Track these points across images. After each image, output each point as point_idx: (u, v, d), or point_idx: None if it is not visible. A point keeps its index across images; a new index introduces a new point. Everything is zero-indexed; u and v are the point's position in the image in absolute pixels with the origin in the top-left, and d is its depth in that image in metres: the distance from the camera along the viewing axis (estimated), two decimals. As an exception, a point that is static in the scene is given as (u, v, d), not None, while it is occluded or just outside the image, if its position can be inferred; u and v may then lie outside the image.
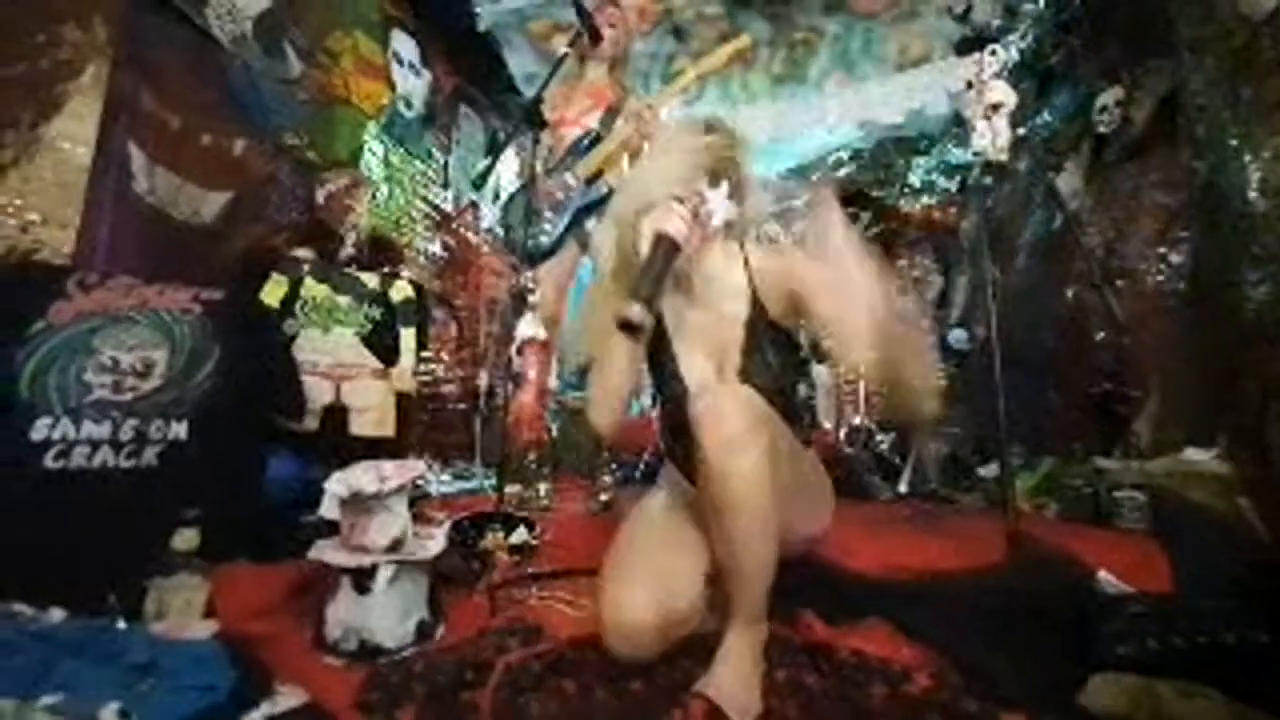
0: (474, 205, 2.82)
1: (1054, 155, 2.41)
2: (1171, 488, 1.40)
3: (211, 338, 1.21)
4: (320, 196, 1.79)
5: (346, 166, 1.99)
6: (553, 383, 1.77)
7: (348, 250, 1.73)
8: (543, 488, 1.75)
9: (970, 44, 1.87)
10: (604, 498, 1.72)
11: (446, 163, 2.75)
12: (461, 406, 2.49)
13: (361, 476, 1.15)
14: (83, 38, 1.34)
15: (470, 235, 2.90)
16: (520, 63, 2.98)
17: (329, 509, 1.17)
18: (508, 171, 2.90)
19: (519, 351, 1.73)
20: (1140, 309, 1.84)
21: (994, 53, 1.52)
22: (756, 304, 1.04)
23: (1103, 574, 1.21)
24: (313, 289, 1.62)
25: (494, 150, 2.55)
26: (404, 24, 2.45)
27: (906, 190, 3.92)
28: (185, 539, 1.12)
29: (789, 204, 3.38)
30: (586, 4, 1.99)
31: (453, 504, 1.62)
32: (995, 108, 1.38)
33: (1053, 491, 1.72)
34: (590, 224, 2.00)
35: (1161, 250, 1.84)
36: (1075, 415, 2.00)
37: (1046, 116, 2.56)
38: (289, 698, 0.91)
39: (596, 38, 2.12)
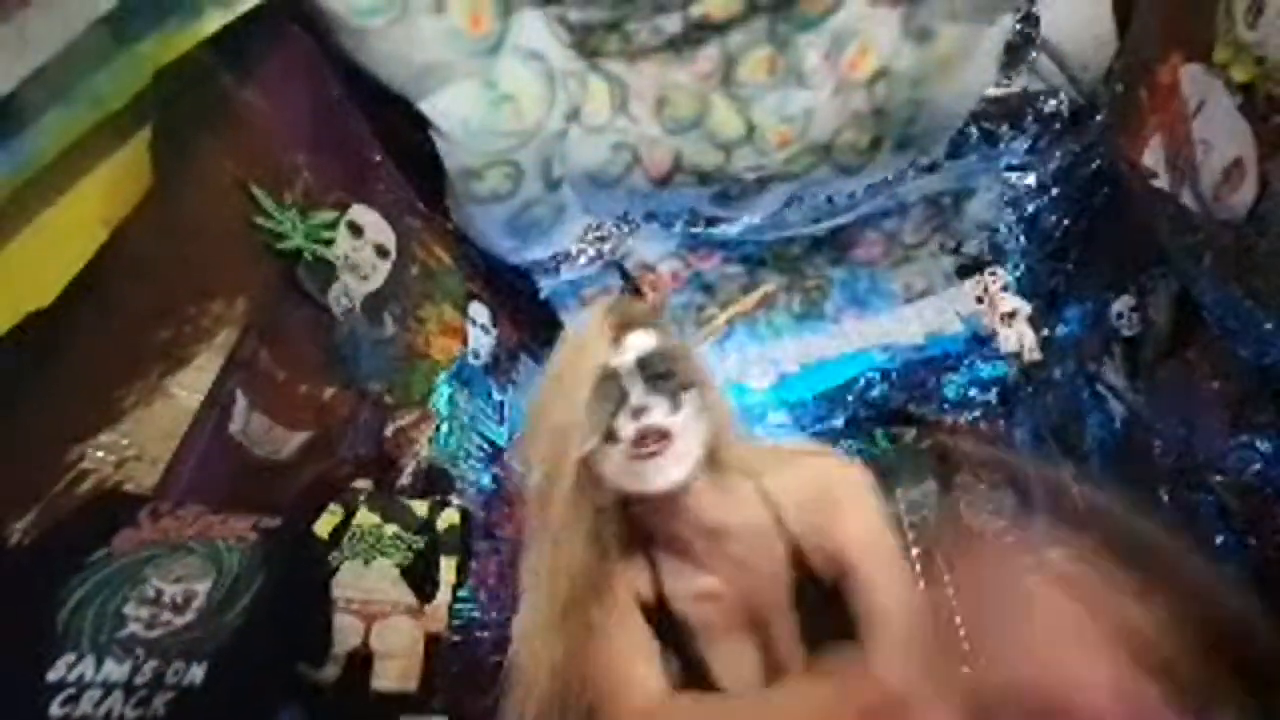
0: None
1: (1089, 361, 2.45)
2: None
3: (259, 566, 1.19)
4: (389, 430, 1.93)
5: (418, 405, 2.18)
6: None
7: (404, 479, 1.78)
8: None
9: (969, 269, 2.08)
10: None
11: (502, 402, 2.99)
12: (495, 659, 2.22)
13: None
14: (225, 310, 1.65)
15: (519, 468, 2.99)
16: (572, 319, 3.45)
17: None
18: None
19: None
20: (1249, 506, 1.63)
21: (994, 273, 1.67)
22: (798, 556, 0.78)
23: None
24: (364, 518, 1.63)
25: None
26: (481, 296, 2.94)
27: (946, 405, 3.94)
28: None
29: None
30: (630, 271, 2.38)
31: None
32: (1011, 315, 1.46)
33: None
34: None
35: (1245, 438, 1.70)
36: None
37: (1063, 328, 2.68)
38: None
39: (638, 294, 2.49)
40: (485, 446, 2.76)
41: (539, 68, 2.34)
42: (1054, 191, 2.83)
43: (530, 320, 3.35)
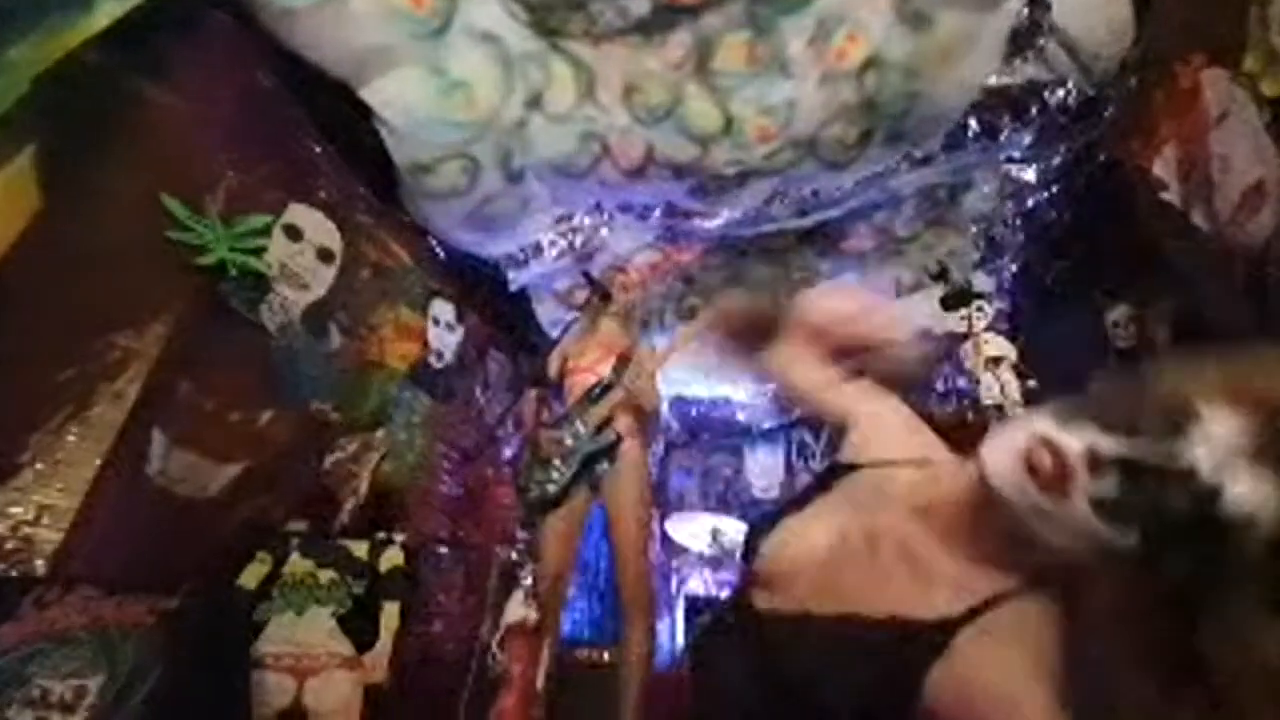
0: (493, 440, 2.86)
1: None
2: None
3: (158, 653, 1.11)
4: (328, 462, 1.83)
5: (365, 428, 2.07)
6: (540, 680, 1.52)
7: (342, 518, 1.69)
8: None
9: (954, 300, 1.93)
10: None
11: (470, 403, 2.88)
12: (448, 691, 2.18)
13: None
14: (135, 342, 1.51)
15: (489, 470, 2.90)
16: (547, 311, 3.29)
17: None
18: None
19: (501, 644, 1.54)
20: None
21: (980, 309, 1.53)
22: None
23: None
24: (295, 565, 1.54)
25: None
26: (444, 293, 2.78)
27: (933, 395, 3.83)
28: None
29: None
30: (596, 274, 2.23)
31: None
32: (996, 361, 1.34)
33: None
34: (601, 469, 1.99)
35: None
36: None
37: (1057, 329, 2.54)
38: None
39: (606, 299, 2.34)
40: (453, 454, 2.66)
41: (493, 51, 2.11)
42: (1055, 188, 2.64)
43: (501, 315, 3.19)
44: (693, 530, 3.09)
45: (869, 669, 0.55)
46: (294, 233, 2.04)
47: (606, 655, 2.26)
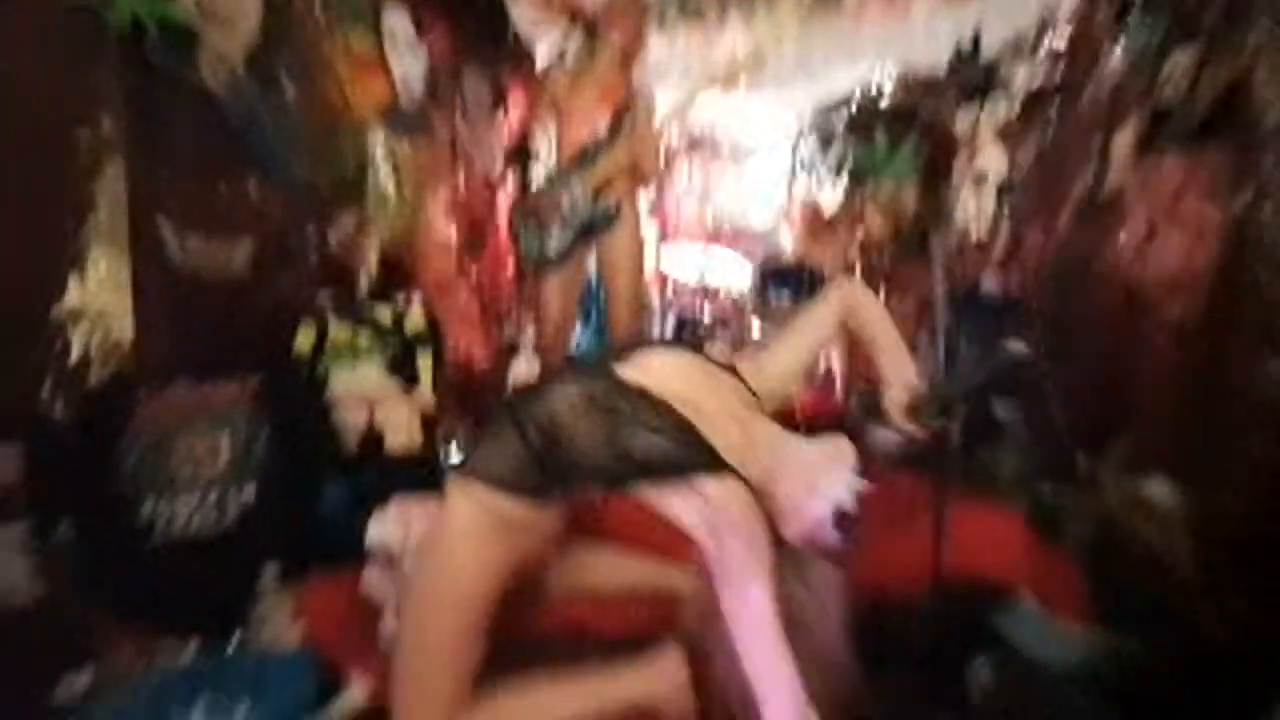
0: (488, 186, 2.84)
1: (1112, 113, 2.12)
2: (1120, 519, 1.48)
3: (260, 418, 1.47)
4: (333, 240, 1.92)
5: (353, 195, 2.08)
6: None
7: (362, 291, 1.90)
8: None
9: (974, 86, 1.64)
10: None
11: (456, 135, 2.73)
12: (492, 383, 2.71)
13: (391, 529, 1.43)
14: (94, 137, 1.46)
15: (497, 198, 2.90)
16: (522, 13, 2.79)
17: (374, 537, 1.47)
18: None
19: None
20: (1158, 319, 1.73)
21: (992, 113, 1.37)
22: None
23: (1024, 597, 1.37)
24: (337, 331, 1.82)
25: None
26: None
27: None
28: (270, 574, 1.47)
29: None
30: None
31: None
32: (982, 179, 1.29)
33: (1022, 491, 1.81)
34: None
35: (1188, 273, 1.67)
36: (1080, 408, 1.99)
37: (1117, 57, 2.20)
38: (358, 687, 1.25)
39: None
40: (448, 195, 2.66)
41: None
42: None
43: (469, 14, 2.72)
44: (684, 259, 3.29)
45: None
46: (196, -42, 1.67)
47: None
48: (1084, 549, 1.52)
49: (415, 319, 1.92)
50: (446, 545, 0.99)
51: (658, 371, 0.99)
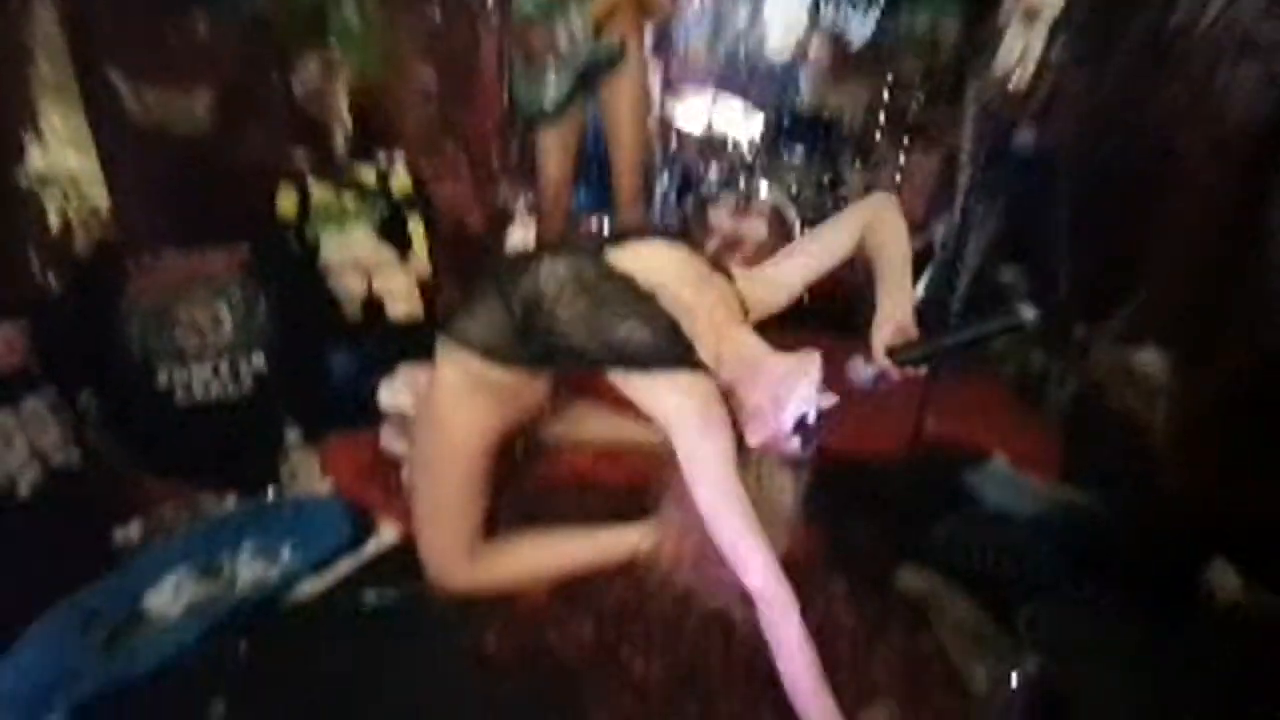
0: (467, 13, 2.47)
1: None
2: (1105, 385, 1.51)
3: (255, 286, 1.45)
4: (298, 89, 1.72)
5: (313, 31, 1.82)
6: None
7: (339, 147, 1.75)
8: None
9: None
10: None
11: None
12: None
13: (401, 394, 1.49)
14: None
15: (479, 29, 2.55)
16: None
17: (385, 402, 1.55)
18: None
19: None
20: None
21: None
22: None
23: (997, 458, 1.46)
24: (319, 193, 1.72)
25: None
26: None
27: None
28: (293, 435, 1.56)
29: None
30: None
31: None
32: (1034, 13, 1.09)
33: (1011, 357, 1.82)
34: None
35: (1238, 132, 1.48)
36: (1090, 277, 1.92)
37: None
38: (388, 532, 1.40)
39: None
40: (422, 32, 2.32)
41: None
42: None
43: None
44: (691, 111, 2.97)
45: None
46: None
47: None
48: (1063, 413, 1.58)
49: (401, 179, 1.80)
50: (437, 407, 1.06)
51: (650, 263, 0.98)
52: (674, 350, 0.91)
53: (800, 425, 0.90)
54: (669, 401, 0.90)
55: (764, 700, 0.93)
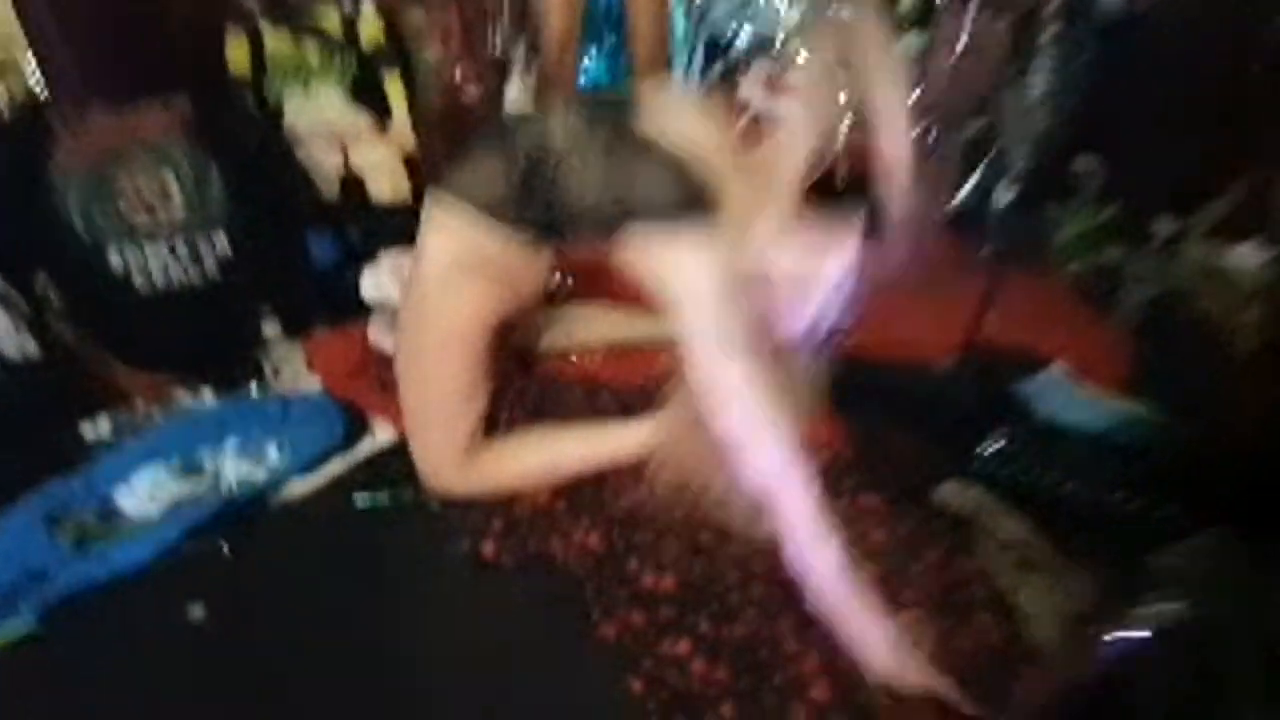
0: None
1: None
2: (1186, 289, 1.31)
3: (203, 151, 1.24)
4: None
5: None
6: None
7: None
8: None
9: None
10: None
11: None
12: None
13: (386, 284, 1.33)
14: None
15: None
16: None
17: (369, 293, 1.40)
18: None
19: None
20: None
21: None
22: None
23: (1056, 366, 1.31)
24: (274, 42, 1.44)
25: None
26: None
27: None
28: (271, 326, 1.43)
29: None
30: None
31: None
32: None
33: (1081, 254, 1.61)
34: None
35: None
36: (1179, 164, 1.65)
37: None
38: (383, 431, 1.31)
39: None
40: None
41: None
42: None
43: None
44: None
45: None
46: None
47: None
48: (1136, 319, 1.41)
49: (370, 26, 1.50)
50: (425, 286, 0.92)
51: (679, 124, 0.86)
52: (699, 209, 0.80)
53: (827, 307, 0.82)
54: (688, 268, 0.79)
55: (783, 618, 0.85)
